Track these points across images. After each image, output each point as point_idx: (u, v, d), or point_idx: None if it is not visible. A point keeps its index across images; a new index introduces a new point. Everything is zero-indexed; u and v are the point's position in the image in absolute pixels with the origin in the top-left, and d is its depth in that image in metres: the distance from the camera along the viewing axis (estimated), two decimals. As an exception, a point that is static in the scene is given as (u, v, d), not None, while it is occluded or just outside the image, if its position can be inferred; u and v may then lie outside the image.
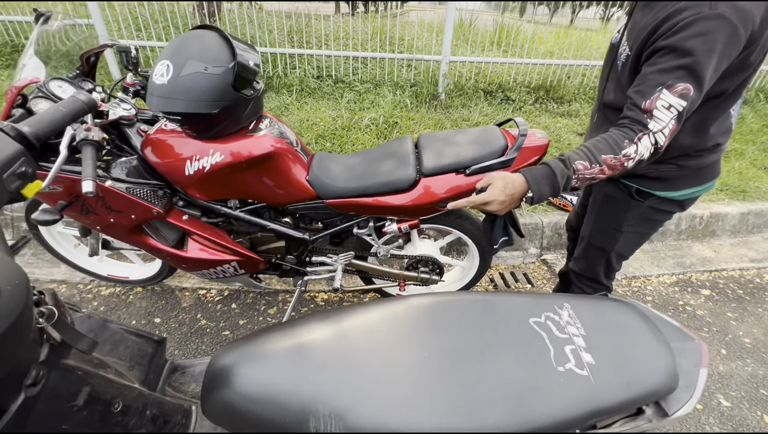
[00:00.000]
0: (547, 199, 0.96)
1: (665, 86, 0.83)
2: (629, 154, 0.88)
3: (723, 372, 1.73)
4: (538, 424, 0.60)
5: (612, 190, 1.22)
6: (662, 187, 1.12)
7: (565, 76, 3.76)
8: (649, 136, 0.87)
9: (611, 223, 1.25)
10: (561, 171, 0.92)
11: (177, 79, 1.10)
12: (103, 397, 0.71)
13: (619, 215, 1.22)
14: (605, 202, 1.25)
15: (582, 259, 1.41)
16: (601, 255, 1.33)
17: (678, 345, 0.72)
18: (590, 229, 1.33)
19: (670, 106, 0.83)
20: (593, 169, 0.92)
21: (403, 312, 0.72)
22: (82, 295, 1.88)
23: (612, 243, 1.27)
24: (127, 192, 1.25)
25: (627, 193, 1.18)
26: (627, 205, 1.19)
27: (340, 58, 3.46)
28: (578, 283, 1.47)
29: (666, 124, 0.85)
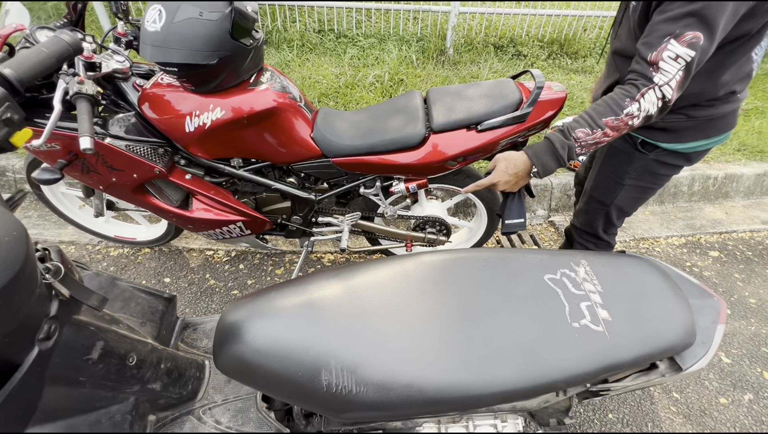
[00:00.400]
0: (554, 171, 0.97)
1: (673, 36, 0.77)
2: (632, 112, 0.84)
3: (726, 331, 1.74)
4: (550, 379, 0.60)
5: (617, 141, 1.15)
6: (668, 138, 1.06)
7: (581, 28, 3.54)
8: (654, 90, 0.82)
9: (612, 176, 1.22)
10: (561, 142, 0.92)
11: (170, 25, 1.03)
12: (117, 351, 0.72)
13: (621, 167, 1.18)
14: (609, 154, 1.21)
15: (582, 213, 1.39)
16: (600, 209, 1.30)
17: (696, 302, 0.70)
18: (592, 182, 1.29)
19: (677, 56, 0.78)
20: (596, 134, 0.89)
21: (414, 269, 0.71)
22: (91, 256, 1.90)
23: (612, 196, 1.24)
24: (126, 150, 1.22)
25: (631, 145, 1.13)
26: (630, 157, 1.15)
27: (342, 10, 3.26)
28: (578, 239, 1.45)
29: (673, 76, 0.79)
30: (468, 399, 0.61)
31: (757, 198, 2.69)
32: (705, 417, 1.41)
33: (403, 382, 0.60)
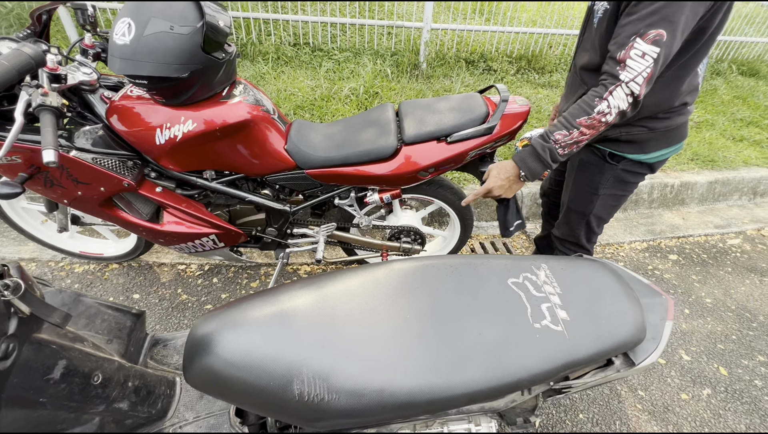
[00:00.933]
0: (541, 173, 1.06)
1: (638, 35, 0.84)
2: (602, 110, 0.91)
3: (685, 329, 1.85)
4: (515, 378, 0.63)
5: (586, 155, 1.25)
6: (634, 149, 1.16)
7: (547, 45, 3.73)
8: (621, 87, 0.88)
9: (588, 187, 1.29)
10: (542, 146, 1.01)
11: (140, 38, 1.02)
12: (81, 370, 0.70)
13: (594, 179, 1.26)
14: (581, 168, 1.29)
15: (564, 225, 1.46)
16: (580, 219, 1.37)
17: (647, 301, 0.76)
18: (569, 195, 1.36)
19: (644, 54, 0.84)
20: (572, 134, 0.96)
21: (384, 277, 0.73)
22: (54, 273, 1.81)
23: (590, 206, 1.31)
24: (93, 162, 1.19)
25: (601, 157, 1.22)
26: (601, 169, 1.23)
27: (317, 25, 3.31)
28: (561, 248, 1.52)
29: (639, 72, 0.86)
30: (438, 401, 0.63)
31: (710, 204, 2.88)
32: (668, 413, 1.48)
33: (374, 388, 0.62)
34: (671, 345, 1.76)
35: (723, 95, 3.88)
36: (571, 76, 1.26)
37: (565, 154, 1.00)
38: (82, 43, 1.23)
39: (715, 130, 3.31)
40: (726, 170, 2.90)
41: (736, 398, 1.55)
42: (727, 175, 2.84)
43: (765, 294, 2.10)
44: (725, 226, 2.65)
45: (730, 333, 1.85)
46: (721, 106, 3.68)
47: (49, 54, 1.11)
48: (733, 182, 2.86)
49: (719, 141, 3.16)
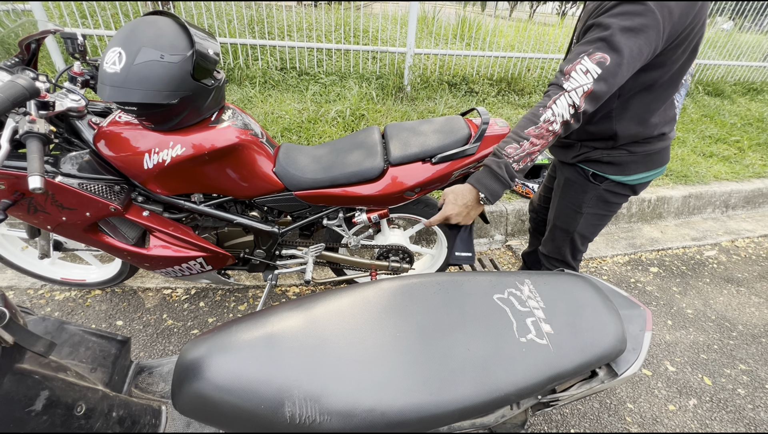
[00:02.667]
0: (501, 193, 1.01)
1: (586, 53, 0.91)
2: (548, 118, 0.94)
3: (669, 340, 1.89)
4: (503, 392, 0.65)
5: (571, 174, 1.30)
6: (615, 171, 1.21)
7: (525, 68, 3.90)
8: (564, 96, 0.93)
9: (571, 205, 1.33)
10: (495, 163, 0.99)
11: (131, 67, 1.05)
12: (64, 401, 0.68)
13: (578, 197, 1.30)
14: (566, 186, 1.33)
15: (550, 241, 1.49)
16: (565, 237, 1.41)
17: (626, 313, 0.79)
18: (555, 212, 1.41)
19: (587, 70, 0.91)
20: (523, 146, 0.97)
21: (373, 296, 0.74)
22: (33, 301, 1.76)
23: (574, 224, 1.36)
24: (80, 188, 1.19)
25: (584, 177, 1.27)
26: (585, 188, 1.28)
27: (304, 50, 3.40)
28: (547, 264, 1.55)
29: (580, 84, 0.91)
30: (429, 418, 0.63)
31: (685, 217, 2.99)
32: (657, 424, 1.50)
33: (365, 407, 0.62)
34: (657, 357, 1.79)
35: (692, 114, 4.09)
36: None
37: (520, 169, 0.99)
38: (70, 71, 1.24)
39: (687, 146, 3.48)
40: (699, 185, 3.03)
41: (721, 407, 1.58)
42: (700, 190, 2.97)
43: (742, 304, 2.18)
44: (701, 238, 2.76)
45: (712, 342, 1.90)
46: (690, 124, 3.88)
47: (37, 82, 1.12)
48: (706, 196, 2.99)
49: (691, 157, 3.31)
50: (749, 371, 1.76)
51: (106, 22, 3.15)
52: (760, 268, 2.52)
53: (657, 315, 2.04)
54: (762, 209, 3.25)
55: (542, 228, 1.71)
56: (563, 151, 1.30)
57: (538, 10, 11.90)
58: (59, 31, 1.25)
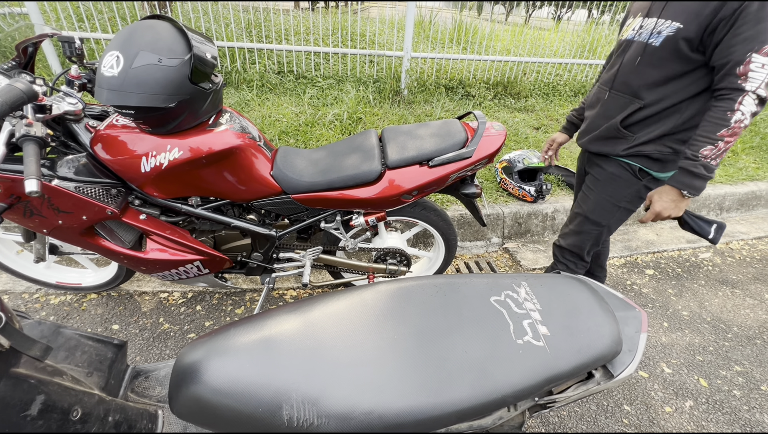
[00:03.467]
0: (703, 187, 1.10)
1: (754, 51, 0.97)
2: (738, 118, 1.02)
3: (665, 342, 1.90)
4: (500, 394, 0.65)
5: (616, 169, 1.35)
6: (659, 168, 1.29)
7: (521, 72, 3.93)
8: (749, 95, 1.00)
9: (611, 199, 1.38)
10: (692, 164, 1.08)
11: (128, 71, 1.05)
12: (60, 405, 0.68)
13: (620, 192, 1.36)
14: (609, 180, 1.37)
15: (573, 235, 1.52)
16: (594, 230, 1.45)
17: (621, 314, 0.79)
18: (589, 205, 1.44)
19: (763, 65, 0.97)
20: (719, 146, 1.05)
21: (370, 299, 0.74)
22: (28, 305, 1.74)
23: (609, 217, 1.40)
24: (76, 191, 1.18)
25: (631, 172, 1.33)
26: (629, 183, 1.34)
27: (301, 54, 3.41)
28: (562, 259, 1.59)
29: (762, 80, 0.98)
30: (427, 421, 0.63)
31: (680, 220, 3.02)
32: (654, 426, 1.50)
33: (363, 410, 0.62)
34: (653, 359, 1.80)
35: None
36: (599, 91, 1.39)
37: (718, 163, 1.08)
38: (68, 75, 1.24)
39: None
40: (693, 187, 3.05)
41: (717, 409, 1.59)
42: (694, 192, 2.99)
43: (737, 306, 2.19)
44: (696, 241, 2.77)
45: (708, 344, 1.91)
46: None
47: (34, 85, 1.12)
48: (701, 199, 3.01)
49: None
50: (744, 372, 1.77)
51: (104, 26, 3.15)
52: (754, 270, 2.54)
53: (653, 317, 2.06)
54: (755, 212, 3.28)
55: None
56: (610, 143, 1.35)
57: (534, 14, 12.00)
58: (56, 35, 1.25)
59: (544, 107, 3.79)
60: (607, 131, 1.34)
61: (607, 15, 5.53)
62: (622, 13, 5.11)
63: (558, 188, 2.80)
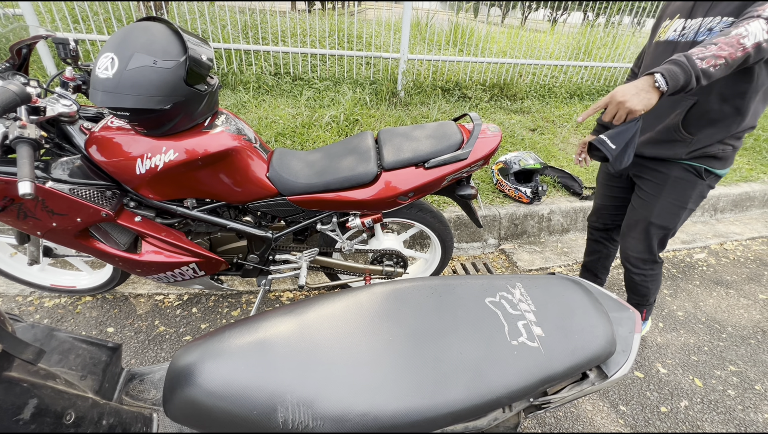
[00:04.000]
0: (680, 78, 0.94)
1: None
2: (740, 33, 0.94)
3: (660, 343, 1.91)
4: (495, 395, 0.65)
5: (679, 172, 1.33)
6: (721, 165, 1.29)
7: (517, 74, 3.95)
8: (759, 20, 0.94)
9: (677, 202, 1.36)
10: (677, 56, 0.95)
11: (123, 72, 1.05)
12: (53, 409, 0.67)
13: (686, 194, 1.34)
14: (672, 184, 1.35)
15: (640, 241, 1.49)
16: (661, 233, 1.44)
17: (615, 315, 0.80)
18: (653, 211, 1.41)
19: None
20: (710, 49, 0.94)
21: (366, 300, 0.74)
22: (22, 308, 1.73)
23: (676, 220, 1.39)
24: (71, 193, 1.18)
25: (695, 174, 1.31)
26: (694, 184, 1.32)
27: (297, 55, 3.41)
28: (636, 270, 1.57)
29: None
30: (422, 422, 0.64)
31: (675, 220, 3.04)
32: (649, 426, 1.51)
33: (358, 412, 0.62)
34: (648, 359, 1.81)
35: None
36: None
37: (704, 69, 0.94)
38: (62, 76, 1.24)
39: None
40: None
41: (712, 408, 1.60)
42: (688, 193, 3.02)
43: (732, 306, 2.21)
44: (691, 242, 2.79)
45: (702, 344, 1.92)
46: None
47: (28, 87, 1.11)
48: (695, 199, 3.03)
49: (679, 161, 3.36)
50: (739, 372, 1.78)
51: (99, 27, 3.14)
52: (748, 271, 2.56)
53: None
54: (749, 212, 3.30)
55: (605, 235, 1.78)
56: (668, 146, 1.32)
57: (530, 16, 12.07)
58: (51, 36, 1.25)
59: (540, 109, 3.81)
60: (666, 134, 1.30)
61: (602, 17, 5.57)
62: (616, 15, 5.16)
63: (554, 189, 2.81)
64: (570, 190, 2.80)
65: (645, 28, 7.56)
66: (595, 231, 1.83)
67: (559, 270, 2.41)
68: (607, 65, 4.19)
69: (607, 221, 1.75)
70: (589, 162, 1.70)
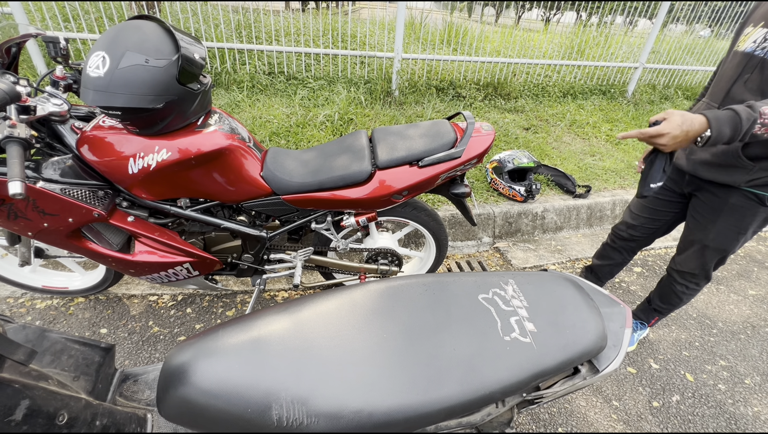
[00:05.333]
0: (725, 141, 0.93)
1: None
2: None
3: (652, 339, 1.93)
4: (488, 390, 0.66)
5: (739, 200, 1.27)
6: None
7: (511, 73, 3.97)
8: None
9: (736, 228, 1.31)
10: (747, 114, 0.91)
11: (115, 71, 1.04)
12: (45, 410, 0.67)
13: (746, 220, 1.28)
14: (730, 210, 1.30)
15: (694, 260, 1.46)
16: (717, 255, 1.40)
17: (606, 310, 0.81)
18: (710, 235, 1.37)
19: None
20: None
21: (360, 298, 0.74)
22: (13, 310, 1.71)
23: (734, 244, 1.35)
24: (62, 193, 1.17)
25: (756, 202, 1.24)
26: (755, 212, 1.26)
27: (292, 55, 3.40)
28: (682, 280, 1.54)
29: None
30: (416, 418, 0.64)
31: (667, 218, 3.07)
32: (641, 421, 1.53)
33: (353, 409, 0.62)
34: (641, 355, 1.83)
35: (672, 118, 4.20)
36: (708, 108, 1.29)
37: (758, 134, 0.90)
38: (53, 75, 1.22)
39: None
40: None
41: (703, 403, 1.62)
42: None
43: (722, 302, 2.24)
44: (682, 239, 2.83)
45: (693, 340, 1.95)
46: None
47: (18, 86, 1.10)
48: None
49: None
50: (729, 367, 1.81)
51: (90, 26, 3.11)
52: (738, 267, 2.60)
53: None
54: (739, 209, 3.34)
55: (628, 246, 1.72)
56: (727, 172, 1.25)
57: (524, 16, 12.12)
58: (41, 35, 1.24)
59: (533, 108, 3.84)
60: (724, 157, 1.23)
61: (595, 17, 5.61)
62: (609, 15, 5.20)
63: (547, 188, 2.83)
64: (563, 189, 2.82)
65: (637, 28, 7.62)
66: (619, 240, 1.75)
67: (553, 267, 2.43)
68: (600, 64, 4.23)
69: (636, 233, 1.68)
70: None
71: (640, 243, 1.71)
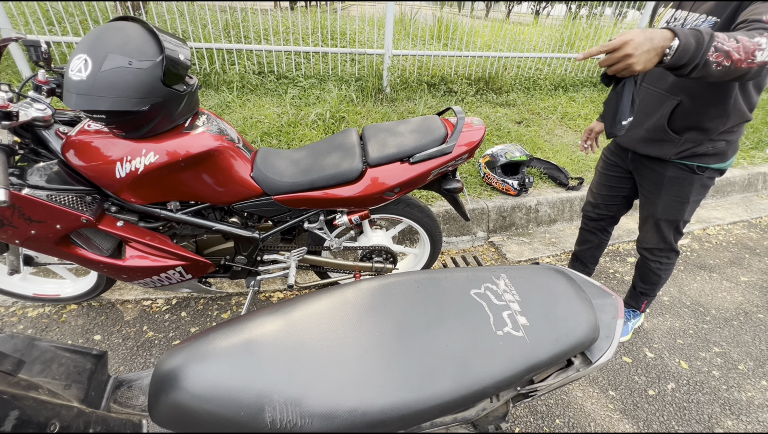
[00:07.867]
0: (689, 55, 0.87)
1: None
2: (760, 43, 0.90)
3: (647, 328, 1.95)
4: (482, 385, 0.66)
5: (674, 171, 1.40)
6: (716, 160, 1.34)
7: (502, 67, 3.97)
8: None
9: (678, 198, 1.43)
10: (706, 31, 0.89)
11: (97, 74, 1.02)
12: (36, 420, 0.66)
13: (685, 190, 1.41)
14: (670, 183, 1.42)
15: (653, 235, 1.58)
16: (671, 226, 1.52)
17: (598, 302, 0.81)
18: (658, 208, 1.50)
19: None
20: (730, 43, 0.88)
21: (352, 296, 0.74)
22: (4, 319, 1.69)
23: (681, 213, 1.47)
24: (48, 200, 1.15)
25: (689, 171, 1.37)
26: (690, 180, 1.38)
27: (281, 53, 3.37)
28: (652, 257, 1.65)
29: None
30: (411, 415, 0.64)
31: (659, 208, 3.09)
32: (638, 409, 1.54)
33: (347, 408, 0.62)
34: (636, 344, 1.84)
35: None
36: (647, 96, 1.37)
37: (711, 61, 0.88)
38: (35, 79, 1.20)
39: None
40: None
41: (698, 390, 1.64)
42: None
43: (715, 289, 2.26)
44: (675, 228, 2.85)
45: (687, 327, 1.97)
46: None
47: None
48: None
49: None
50: (723, 353, 1.83)
51: (75, 29, 3.06)
52: (730, 254, 2.62)
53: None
54: (730, 198, 3.38)
55: (599, 225, 1.84)
56: (659, 146, 1.37)
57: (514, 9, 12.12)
58: (21, 39, 1.21)
59: (525, 101, 3.84)
60: (654, 132, 1.36)
61: (585, 9, 5.62)
62: (598, 7, 5.21)
63: (540, 181, 2.84)
64: (556, 181, 2.83)
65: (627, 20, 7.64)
66: (590, 221, 1.87)
67: (548, 260, 2.44)
68: (590, 56, 4.23)
69: (602, 211, 1.79)
70: (595, 149, 1.73)
71: (609, 222, 1.86)
